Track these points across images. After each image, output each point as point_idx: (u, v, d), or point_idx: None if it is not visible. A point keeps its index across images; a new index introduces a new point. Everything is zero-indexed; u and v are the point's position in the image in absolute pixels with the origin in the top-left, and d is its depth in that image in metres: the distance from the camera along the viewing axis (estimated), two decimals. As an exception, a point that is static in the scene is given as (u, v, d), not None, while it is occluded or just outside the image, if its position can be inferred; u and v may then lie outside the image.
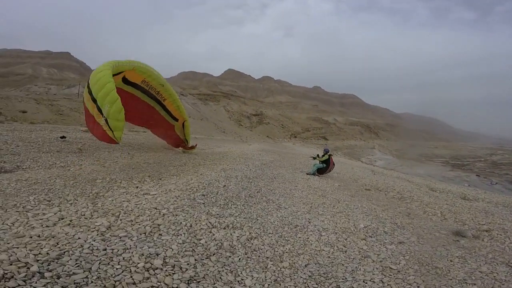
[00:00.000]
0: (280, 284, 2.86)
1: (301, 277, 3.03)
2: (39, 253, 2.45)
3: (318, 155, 9.96)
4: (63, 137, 10.70)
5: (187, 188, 5.01)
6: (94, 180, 5.26)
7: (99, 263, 2.46)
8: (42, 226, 3.04)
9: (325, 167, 9.42)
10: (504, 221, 5.83)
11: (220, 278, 2.72)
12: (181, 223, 3.55)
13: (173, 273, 2.59)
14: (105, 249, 2.69)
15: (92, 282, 2.22)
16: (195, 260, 2.86)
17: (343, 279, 3.11)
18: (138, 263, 2.59)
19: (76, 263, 2.40)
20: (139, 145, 12.58)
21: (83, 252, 2.57)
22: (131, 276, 2.40)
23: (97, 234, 2.95)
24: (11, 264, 2.21)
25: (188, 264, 2.77)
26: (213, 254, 3.05)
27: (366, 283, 3.07)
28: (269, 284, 2.82)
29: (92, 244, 2.73)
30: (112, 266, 2.47)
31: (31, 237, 2.73)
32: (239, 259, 3.11)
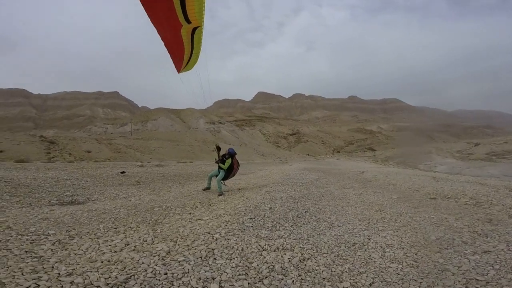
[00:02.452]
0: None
1: (367, 298, 2.73)
2: (109, 277, 2.66)
3: (218, 161, 8.03)
4: (123, 172, 12.16)
5: (235, 213, 5.06)
6: (152, 208, 5.68)
7: (161, 287, 2.57)
8: (111, 251, 3.34)
9: (227, 172, 7.96)
10: None
11: (275, 301, 2.60)
12: (233, 247, 3.56)
13: (228, 297, 2.56)
14: (166, 273, 2.81)
15: (156, 305, 2.31)
16: (249, 284, 2.81)
17: (419, 298, 2.71)
18: (196, 287, 2.63)
19: (141, 287, 2.54)
20: (188, 175, 13.46)
21: (147, 276, 2.72)
22: (191, 300, 2.44)
23: (159, 259, 3.12)
24: (85, 287, 2.46)
25: (242, 288, 2.73)
26: (266, 277, 2.96)
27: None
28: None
29: (155, 269, 2.88)
30: (173, 289, 2.56)
31: (102, 262, 3.01)
32: (293, 281, 2.95)
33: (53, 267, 2.80)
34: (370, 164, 35.17)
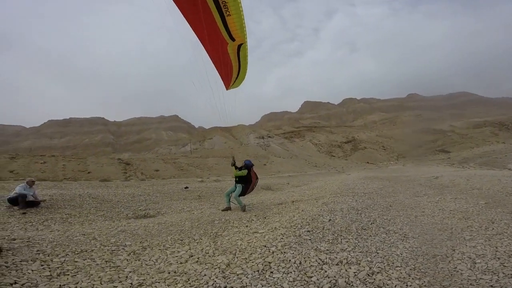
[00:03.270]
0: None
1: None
2: (174, 289, 2.80)
3: (235, 166, 7.40)
4: (186, 187, 13.34)
5: (291, 225, 4.92)
6: (212, 221, 5.95)
7: (226, 301, 2.58)
8: (177, 262, 3.55)
9: (244, 187, 7.15)
10: None
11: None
12: (290, 260, 3.44)
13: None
14: (225, 287, 2.83)
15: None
16: (308, 299, 2.63)
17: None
18: (254, 302, 2.57)
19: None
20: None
21: (208, 289, 2.78)
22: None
23: (219, 271, 3.18)
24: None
25: (303, 304, 2.56)
26: (327, 292, 2.74)
27: None
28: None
29: (215, 281, 2.93)
30: (233, 304, 2.54)
31: (169, 273, 3.20)
32: (360, 296, 2.68)
33: (127, 276, 3.10)
34: (445, 167, 30.33)
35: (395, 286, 2.87)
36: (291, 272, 3.14)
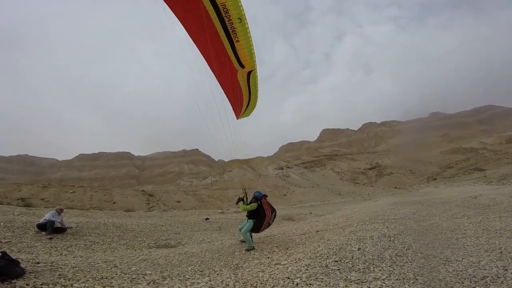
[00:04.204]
0: None
1: None
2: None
3: (242, 200, 6.48)
4: (207, 218, 13.33)
5: (316, 256, 4.67)
6: (233, 252, 5.77)
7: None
8: (197, 294, 3.39)
9: (256, 222, 6.15)
10: None
11: None
12: (322, 292, 3.20)
13: None
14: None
15: None
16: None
17: None
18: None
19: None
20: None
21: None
22: None
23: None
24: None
25: None
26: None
27: None
28: None
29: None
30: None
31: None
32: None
33: (144, 307, 2.99)
34: (482, 186, 27.78)
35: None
36: (320, 304, 2.89)
